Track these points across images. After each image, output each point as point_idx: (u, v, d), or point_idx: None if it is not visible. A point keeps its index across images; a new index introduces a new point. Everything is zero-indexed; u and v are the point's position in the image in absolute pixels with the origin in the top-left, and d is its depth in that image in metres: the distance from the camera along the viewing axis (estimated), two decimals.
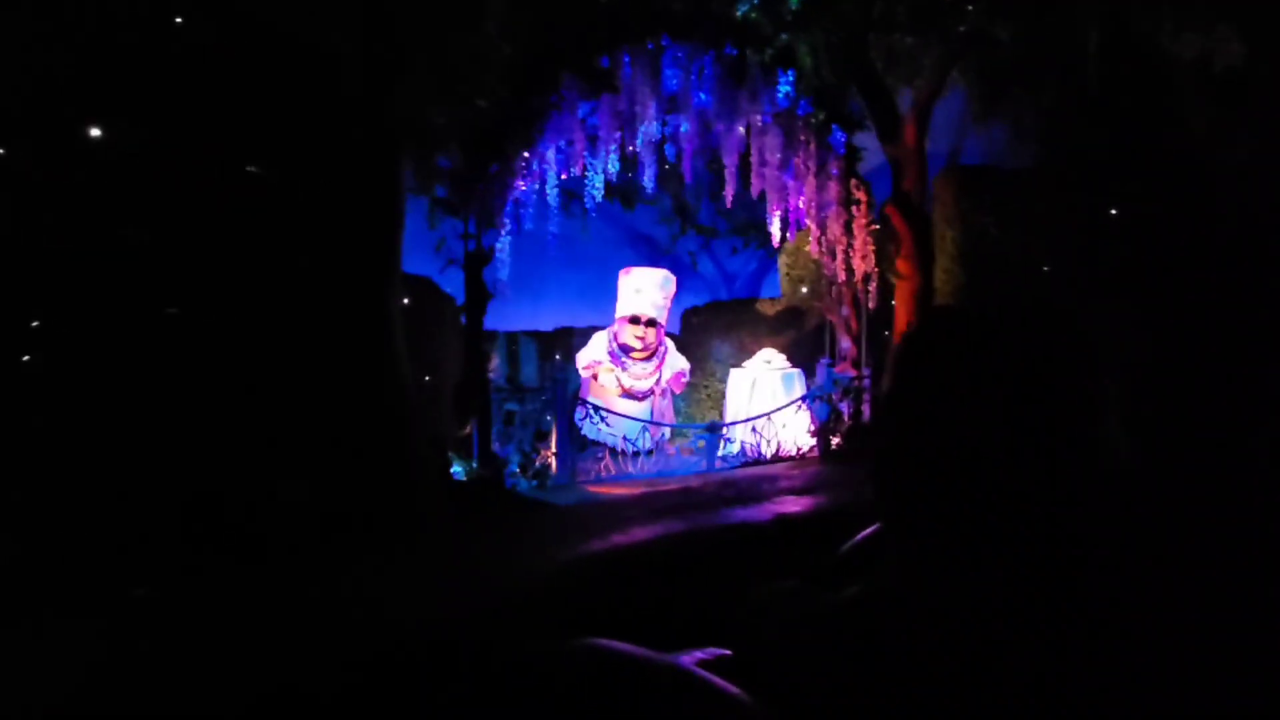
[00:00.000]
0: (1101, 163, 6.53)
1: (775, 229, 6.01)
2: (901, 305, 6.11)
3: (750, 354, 6.69)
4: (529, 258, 9.32)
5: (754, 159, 5.64)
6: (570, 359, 6.44)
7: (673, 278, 6.26)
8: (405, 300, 4.56)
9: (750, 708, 0.71)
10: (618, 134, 4.56)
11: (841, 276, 6.07)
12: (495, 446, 4.53)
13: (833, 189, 5.79)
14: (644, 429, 5.80)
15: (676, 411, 7.40)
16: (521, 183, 4.36)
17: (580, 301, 8.48)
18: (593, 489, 4.67)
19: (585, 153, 4.61)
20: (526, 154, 4.35)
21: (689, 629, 1.12)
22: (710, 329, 7.45)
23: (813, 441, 5.66)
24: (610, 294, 7.48)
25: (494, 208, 4.26)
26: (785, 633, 0.85)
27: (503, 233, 4.35)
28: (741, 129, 5.34)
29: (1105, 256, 6.10)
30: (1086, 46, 6.57)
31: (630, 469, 4.76)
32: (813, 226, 6.04)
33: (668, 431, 6.19)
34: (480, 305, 4.34)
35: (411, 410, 3.66)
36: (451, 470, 3.99)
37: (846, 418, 5.87)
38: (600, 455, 5.05)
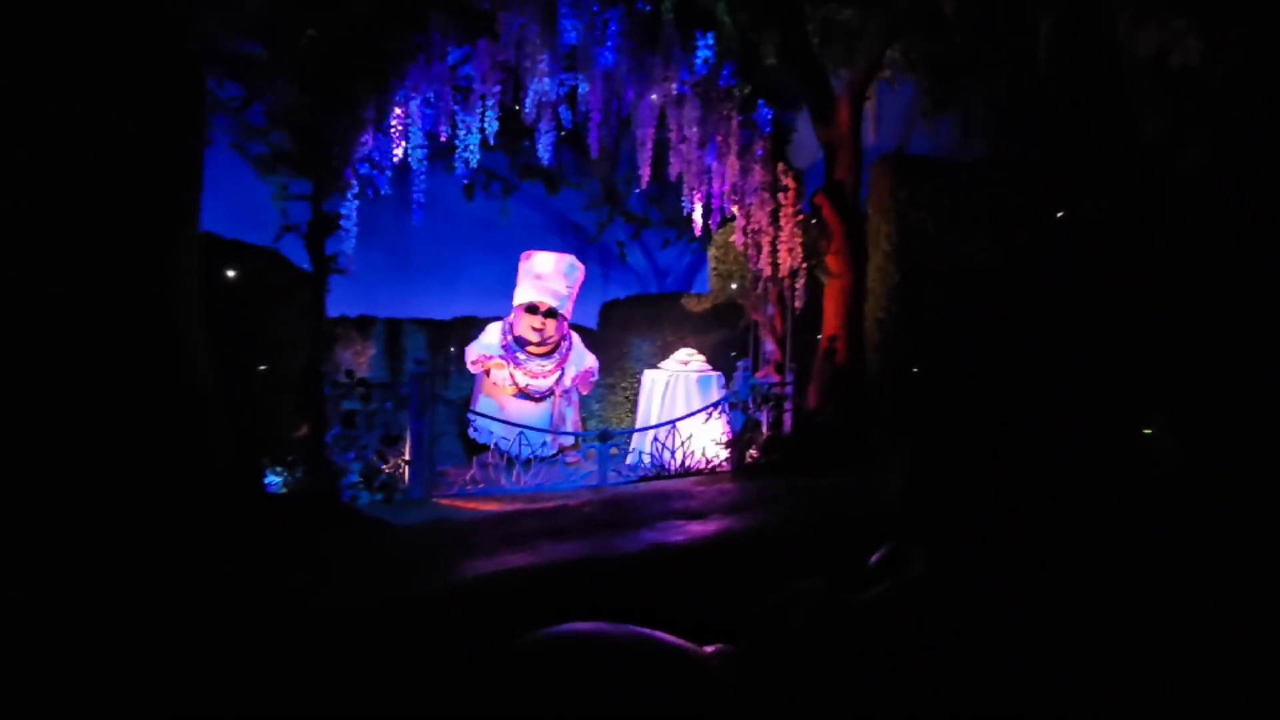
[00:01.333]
0: (1051, 161, 6.10)
1: (697, 216, 5.40)
2: (831, 306, 5.56)
3: (674, 353, 6.08)
4: (441, 240, 8.51)
5: (672, 134, 5.01)
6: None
7: (579, 265, 5.58)
8: (232, 273, 3.80)
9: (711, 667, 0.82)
10: (497, 89, 3.88)
11: (767, 272, 5.49)
12: (352, 453, 3.81)
13: (758, 173, 5.20)
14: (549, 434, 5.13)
15: (589, 415, 6.73)
16: (371, 138, 3.65)
17: (499, 291, 7.71)
18: (455, 503, 3.98)
19: (458, 109, 3.91)
20: (384, 104, 3.64)
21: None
22: (630, 325, 6.81)
23: (726, 454, 5.05)
24: None
25: (336, 165, 3.54)
26: (812, 629, 0.85)
27: (349, 196, 3.63)
28: (655, 98, 4.71)
29: (1053, 260, 5.65)
30: (1038, 36, 6.12)
31: (507, 481, 4.09)
32: (738, 215, 5.45)
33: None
34: (320, 281, 3.61)
35: (205, 406, 2.93)
36: (264, 480, 3.26)
37: (765, 428, 5.29)
38: (486, 462, 4.37)
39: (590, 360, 5.74)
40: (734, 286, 6.78)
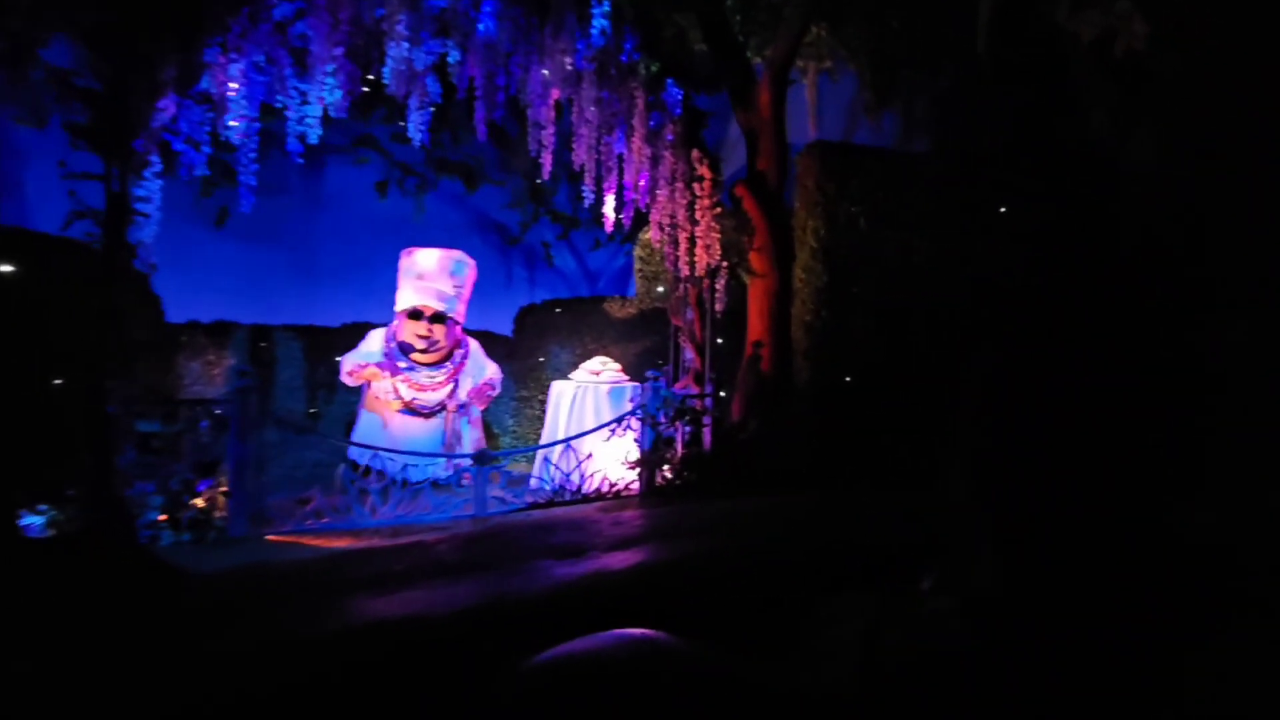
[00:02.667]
0: (994, 156, 5.68)
1: (608, 210, 4.85)
2: (755, 308, 5.04)
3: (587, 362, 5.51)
4: (353, 242, 7.83)
5: (573, 117, 4.47)
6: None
7: (469, 262, 4.98)
8: (7, 268, 3.16)
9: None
10: (340, 51, 3.29)
11: (685, 271, 4.97)
12: (154, 483, 3.17)
13: (669, 160, 4.67)
14: (444, 455, 4.52)
15: (503, 432, 6.13)
16: (175, 106, 3.03)
17: None
18: (297, 540, 3.35)
19: (290, 75, 3.31)
20: (191, 65, 3.03)
21: None
22: (549, 332, 6.24)
23: (634, 475, 4.49)
24: None
25: (131, 137, 2.92)
26: (873, 642, 0.96)
27: (149, 175, 3.01)
28: (547, 73, 4.16)
29: (993, 259, 5.21)
30: (977, 20, 5.71)
31: (359, 513, 3.45)
32: (654, 208, 4.92)
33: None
34: (113, 276, 2.98)
35: None
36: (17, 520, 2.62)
37: (681, 445, 4.74)
38: (368, 489, 3.73)
39: (491, 370, 5.15)
40: (661, 289, 6.25)
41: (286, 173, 7.39)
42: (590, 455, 4.29)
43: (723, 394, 5.19)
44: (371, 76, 3.72)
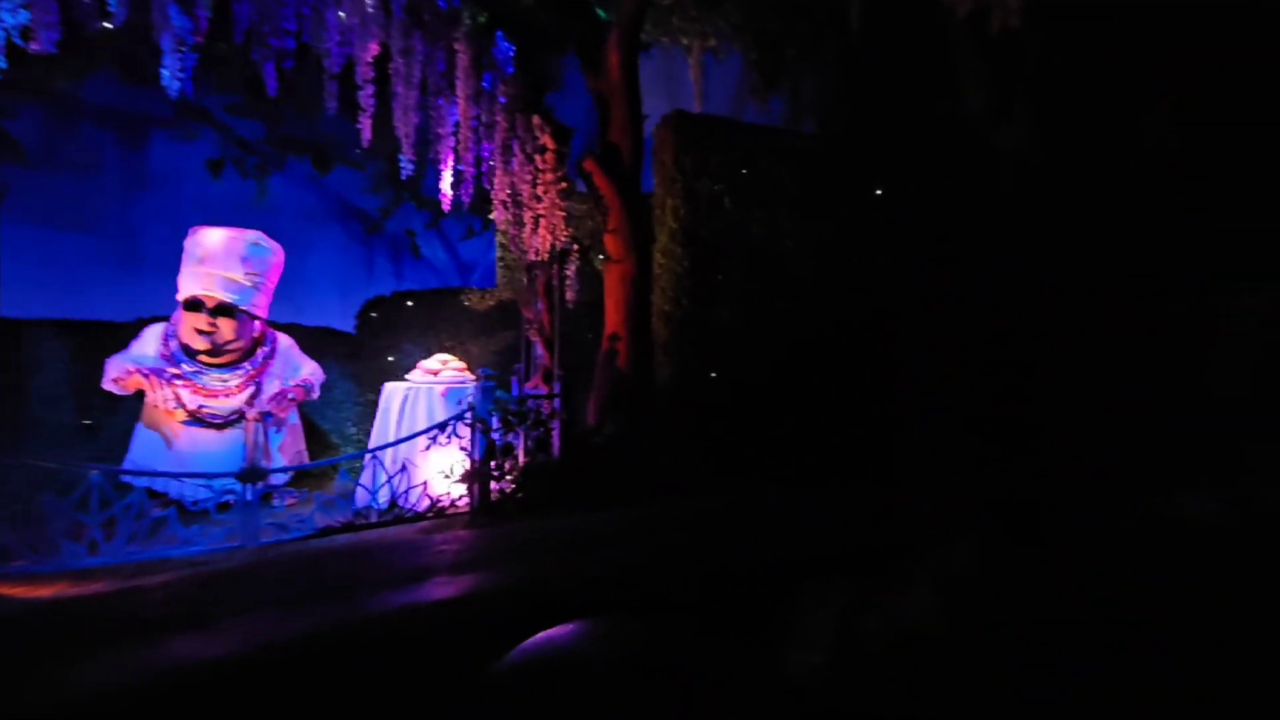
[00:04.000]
0: (870, 137, 5.32)
1: (445, 184, 4.23)
2: (612, 298, 4.50)
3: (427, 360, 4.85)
4: (182, 229, 6.93)
5: (392, 74, 3.82)
6: None
7: (270, 245, 4.25)
8: None
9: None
10: None
11: (532, 255, 4.38)
12: None
13: (502, 127, 4.08)
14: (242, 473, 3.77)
15: (343, 440, 5.40)
16: None
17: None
18: None
19: None
20: None
21: None
22: (398, 328, 5.56)
23: (464, 490, 3.87)
24: (295, 277, 5.39)
25: None
26: (849, 623, 0.99)
27: None
28: (343, 15, 3.50)
29: (866, 242, 4.83)
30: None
31: (70, 552, 2.70)
32: (496, 184, 4.32)
33: (281, 475, 4.18)
34: None
35: None
36: None
37: (522, 454, 4.14)
38: (154, 515, 2.98)
39: (308, 370, 4.43)
40: (522, 279, 5.65)
41: (99, 149, 6.45)
42: (405, 468, 3.65)
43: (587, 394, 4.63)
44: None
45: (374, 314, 5.64)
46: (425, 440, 3.76)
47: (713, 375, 4.60)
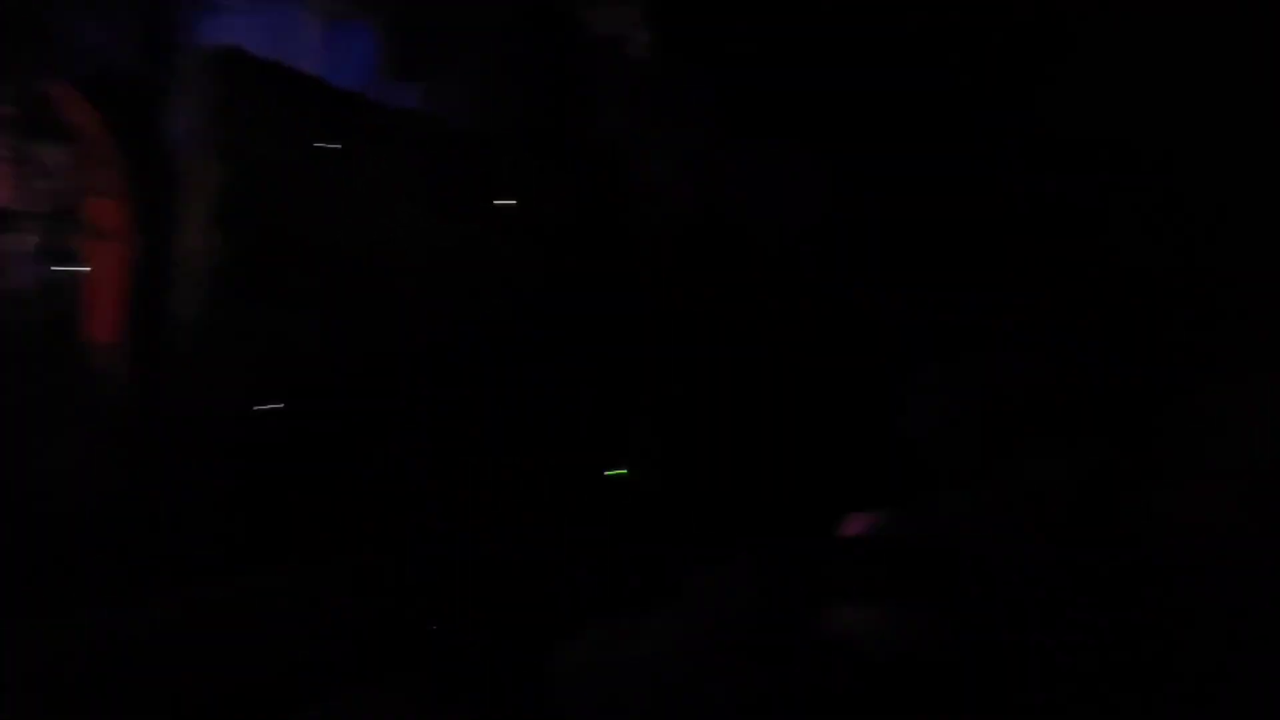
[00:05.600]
0: (512, 141, 4.77)
1: None
2: (101, 290, 3.10)
3: None
4: None
5: None
6: None
7: None
8: None
9: None
10: None
11: None
12: None
13: None
14: None
15: None
16: None
17: None
18: None
19: None
20: None
21: None
22: None
23: None
24: None
25: None
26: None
27: None
28: None
29: (500, 252, 4.18)
30: None
31: None
32: None
33: None
34: None
35: None
36: None
37: None
38: None
39: None
40: None
41: None
42: None
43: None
44: None
45: None
46: None
47: (280, 405, 3.42)
